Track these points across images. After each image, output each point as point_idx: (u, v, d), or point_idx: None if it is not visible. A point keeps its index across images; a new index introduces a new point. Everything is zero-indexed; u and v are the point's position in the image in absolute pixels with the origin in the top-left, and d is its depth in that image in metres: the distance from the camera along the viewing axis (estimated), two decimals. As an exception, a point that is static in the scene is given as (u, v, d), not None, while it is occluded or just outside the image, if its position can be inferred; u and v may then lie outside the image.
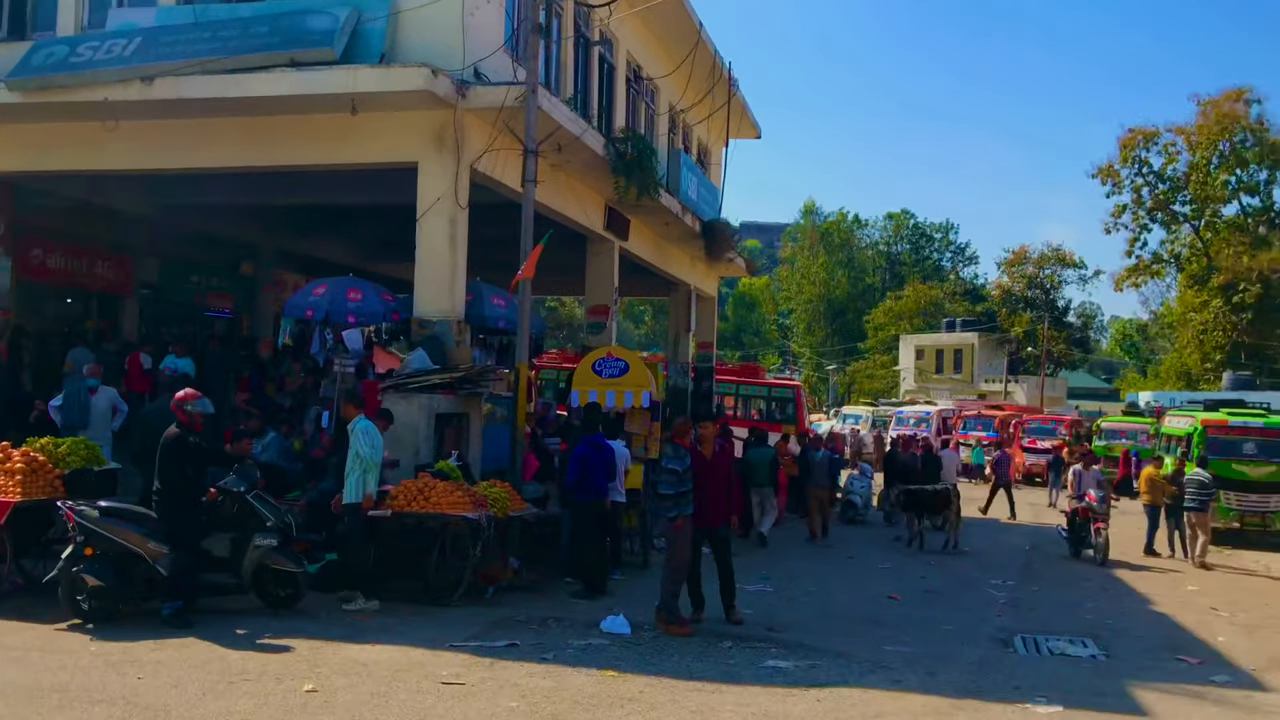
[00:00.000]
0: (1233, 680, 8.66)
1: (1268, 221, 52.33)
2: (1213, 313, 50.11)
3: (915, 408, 43.93)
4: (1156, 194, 54.53)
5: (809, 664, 8.48)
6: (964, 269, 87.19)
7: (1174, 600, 13.10)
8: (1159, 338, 69.92)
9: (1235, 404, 23.52)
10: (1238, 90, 51.89)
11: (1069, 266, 69.27)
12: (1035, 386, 58.34)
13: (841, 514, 20.91)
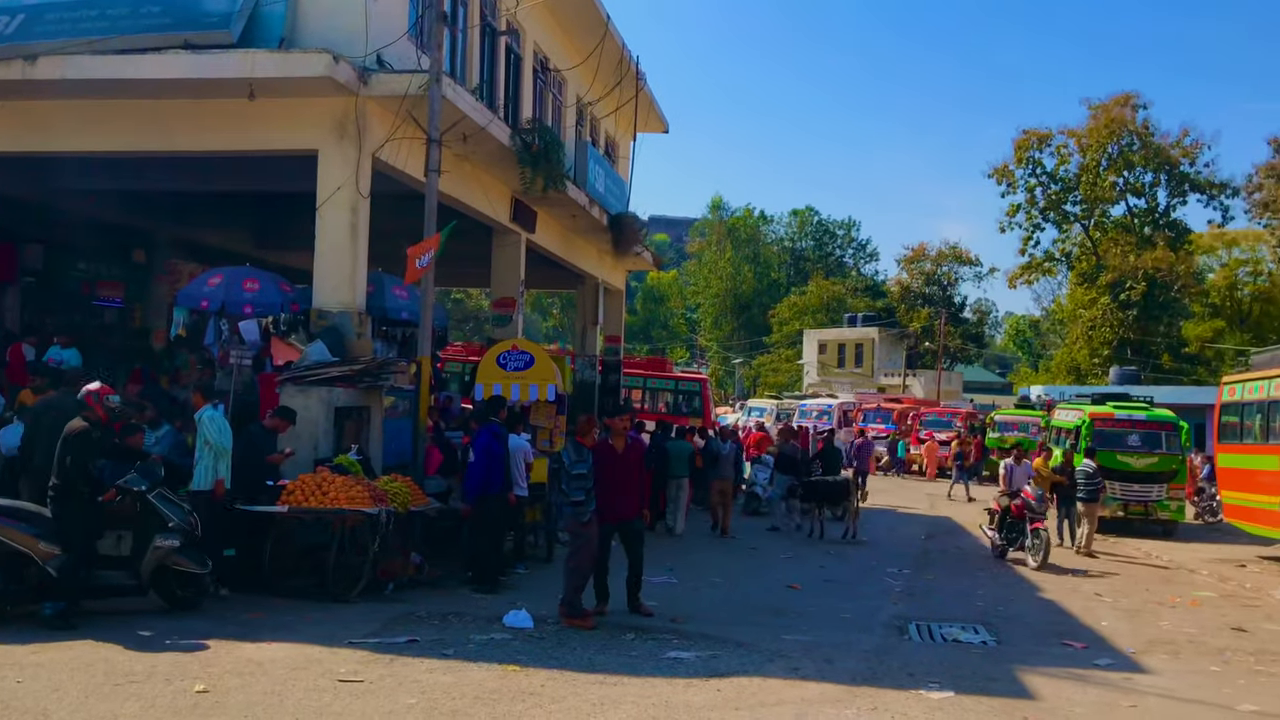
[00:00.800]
0: (1114, 663, 9.02)
1: (1152, 222, 54.55)
2: (1101, 309, 52.07)
3: (818, 401, 44.69)
4: (1049, 194, 56.44)
5: (710, 654, 8.57)
6: (865, 266, 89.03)
7: (1062, 587, 13.57)
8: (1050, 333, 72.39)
9: (1120, 398, 24.47)
10: (1125, 95, 54.03)
11: (965, 264, 71.35)
12: (932, 380, 59.84)
13: (745, 505, 21.18)
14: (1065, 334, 60.03)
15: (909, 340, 65.65)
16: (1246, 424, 18.74)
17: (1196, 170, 53.53)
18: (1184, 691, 8.05)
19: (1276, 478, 16.98)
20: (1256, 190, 53.15)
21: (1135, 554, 17.68)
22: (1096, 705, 7.49)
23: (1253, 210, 54.17)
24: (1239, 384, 19.37)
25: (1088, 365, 52.81)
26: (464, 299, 60.79)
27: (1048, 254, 58.33)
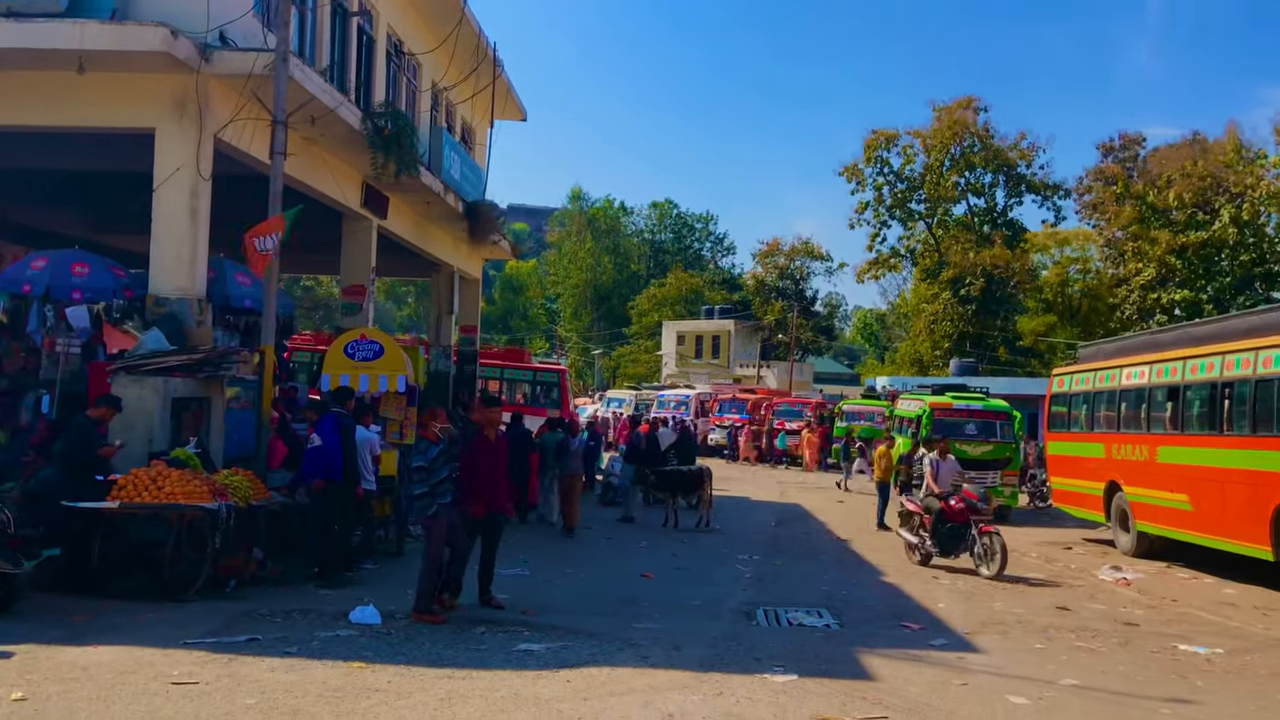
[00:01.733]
0: (948, 643, 9.43)
1: (990, 221, 57.21)
2: (942, 304, 54.34)
3: (675, 391, 45.25)
4: (895, 193, 58.53)
5: (561, 645, 8.57)
6: (722, 259, 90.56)
7: (903, 571, 14.11)
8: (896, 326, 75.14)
9: (959, 388, 25.57)
10: (968, 99, 56.44)
11: (816, 259, 73.35)
12: (785, 371, 61.34)
13: (601, 495, 21.29)
14: (910, 327, 62.40)
15: (764, 332, 67.13)
16: (1073, 414, 19.86)
17: (1032, 172, 56.41)
18: (1011, 668, 8.48)
19: (1100, 464, 18.08)
20: (1086, 192, 56.34)
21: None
22: (931, 684, 7.81)
23: (1083, 211, 57.44)
24: (1067, 376, 20.52)
25: (930, 357, 55.04)
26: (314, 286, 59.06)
27: (894, 250, 60.54)
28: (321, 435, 10.94)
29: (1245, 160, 47.95)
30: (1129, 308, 48.55)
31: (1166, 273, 47.31)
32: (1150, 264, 47.56)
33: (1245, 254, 45.79)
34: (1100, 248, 56.29)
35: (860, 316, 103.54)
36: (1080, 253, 59.74)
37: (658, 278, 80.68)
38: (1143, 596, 12.77)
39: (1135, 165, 54.39)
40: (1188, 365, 15.49)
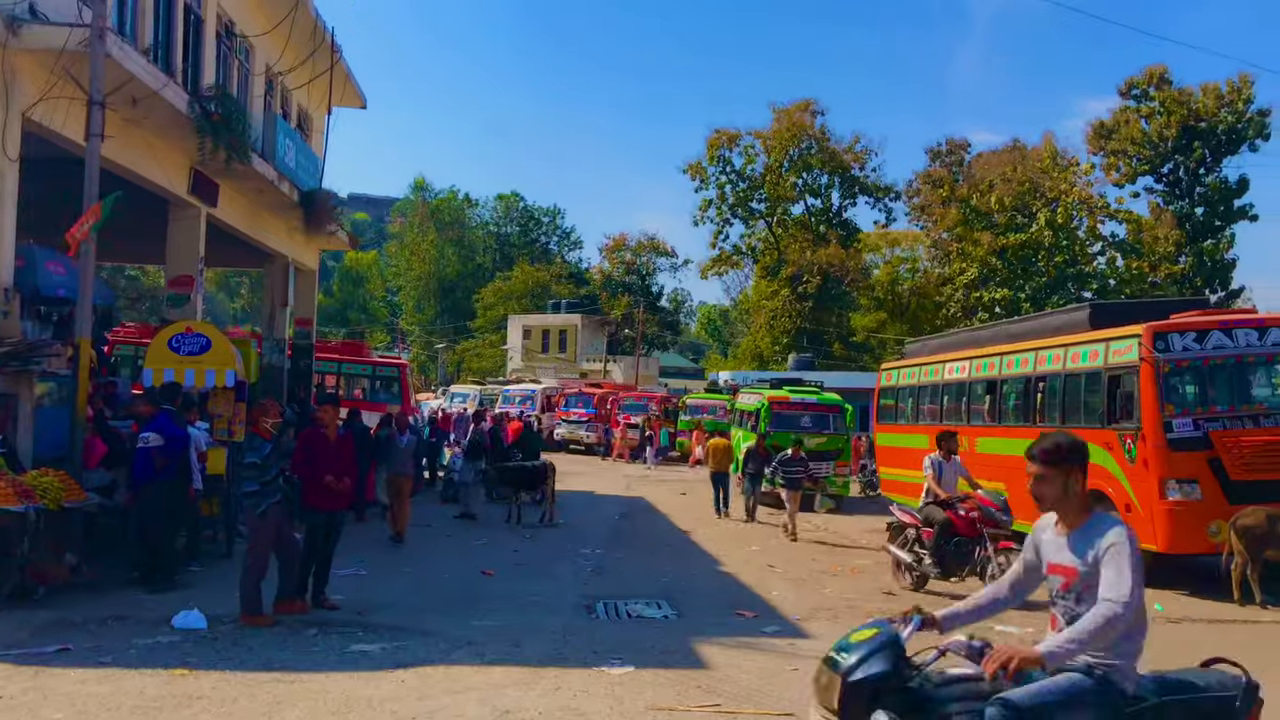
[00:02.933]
0: (781, 630, 9.72)
1: (826, 221, 59.08)
2: (781, 301, 55.86)
3: (521, 386, 45.05)
4: (737, 191, 59.77)
5: (397, 645, 8.43)
6: (569, 253, 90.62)
7: (739, 560, 14.46)
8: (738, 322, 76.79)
9: (796, 382, 26.40)
10: (806, 101, 58.11)
11: (662, 255, 74.34)
12: (631, 366, 61.90)
13: (443, 492, 21.00)
14: (751, 323, 63.90)
15: (610, 327, 67.60)
16: (900, 406, 20.76)
17: (865, 175, 58.52)
18: (838, 652, 8.79)
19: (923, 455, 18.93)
20: (915, 195, 58.87)
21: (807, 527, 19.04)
22: (763, 671, 8.03)
23: (912, 213, 60.01)
24: (894, 370, 21.43)
25: (770, 352, 56.52)
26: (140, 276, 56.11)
27: (736, 248, 61.85)
28: (162, 433, 10.46)
29: (1060, 167, 51.06)
30: (954, 306, 51.00)
31: (988, 272, 49.90)
32: (973, 264, 50.07)
33: (1059, 255, 48.74)
34: (928, 248, 58.94)
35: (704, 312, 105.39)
36: (909, 253, 62.48)
37: (503, 271, 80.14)
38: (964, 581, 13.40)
39: (961, 170, 57.13)
40: (1004, 360, 16.40)
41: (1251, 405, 12.89)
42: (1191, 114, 51.41)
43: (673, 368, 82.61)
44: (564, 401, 41.37)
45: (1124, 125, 53.53)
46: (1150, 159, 52.81)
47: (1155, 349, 12.58)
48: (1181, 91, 52.01)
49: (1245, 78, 50.96)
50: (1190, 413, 12.60)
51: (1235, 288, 51.88)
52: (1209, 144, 51.69)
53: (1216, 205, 51.98)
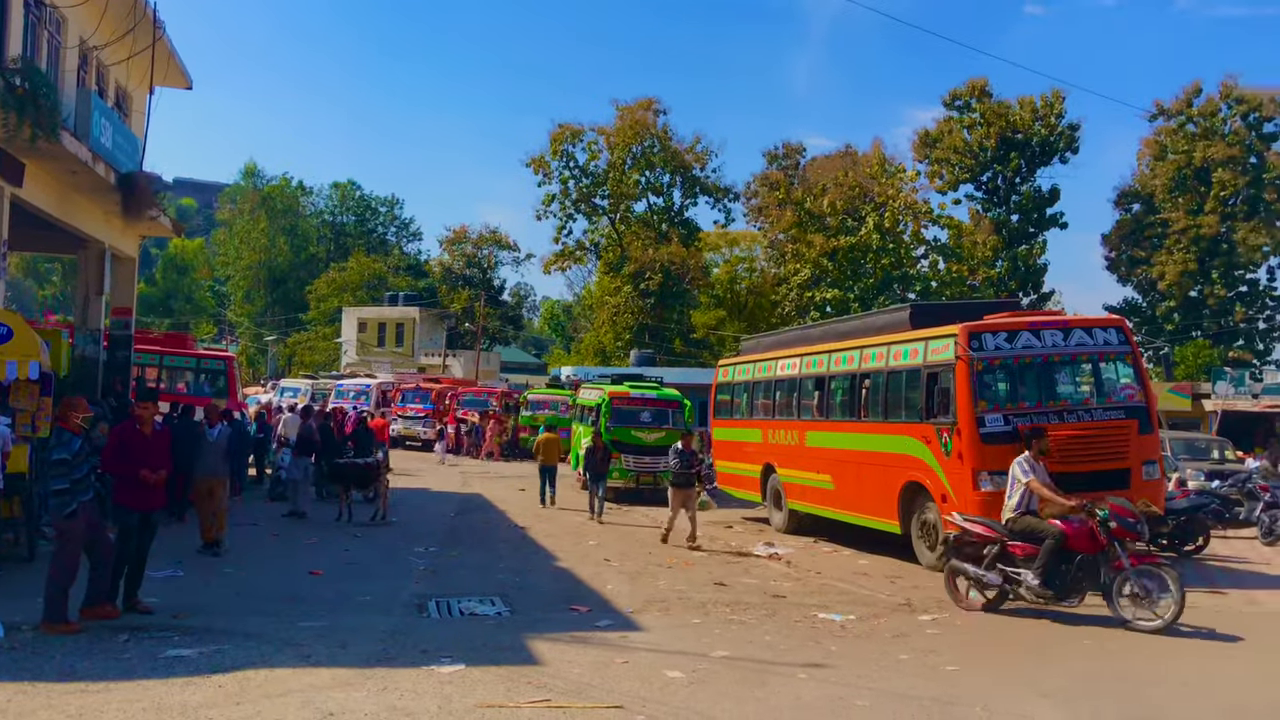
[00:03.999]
0: (613, 623, 9.79)
1: (668, 219, 59.92)
2: (624, 297, 56.33)
3: (355, 380, 43.92)
4: (581, 187, 59.92)
5: (215, 649, 8.08)
6: (408, 244, 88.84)
7: (575, 555, 14.48)
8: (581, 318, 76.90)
9: (637, 378, 26.68)
10: (649, 100, 58.77)
11: (504, 248, 73.69)
12: (471, 360, 61.21)
13: (270, 490, 20.29)
14: (594, 319, 64.15)
15: (450, 321, 66.61)
16: (735, 402, 21.24)
17: (706, 175, 59.60)
18: (669, 644, 8.93)
19: (757, 449, 19.45)
20: (753, 196, 60.34)
21: (645, 520, 19.26)
22: (594, 664, 8.07)
23: (750, 214, 61.49)
24: (730, 367, 21.89)
25: (613, 348, 56.93)
26: (-64, 259, 51.97)
27: (579, 243, 62.02)
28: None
29: (887, 174, 53.28)
30: (788, 305, 52.53)
31: (820, 273, 51.62)
32: (807, 265, 51.70)
33: (886, 258, 50.83)
34: (765, 249, 60.56)
35: (547, 307, 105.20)
36: (747, 253, 64.09)
37: (338, 261, 77.87)
38: (791, 570, 13.85)
39: (796, 173, 58.89)
40: (832, 358, 16.97)
41: (1057, 401, 13.74)
42: (1009, 126, 54.50)
43: (515, 363, 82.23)
44: (400, 397, 40.53)
45: (947, 135, 56.30)
46: (971, 168, 55.73)
47: (970, 348, 13.25)
48: (1000, 104, 55.09)
49: (1057, 93, 54.40)
50: (1001, 409, 13.32)
51: (1046, 291, 55.33)
52: (1024, 155, 54.93)
53: (1030, 213, 55.29)
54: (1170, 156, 53.76)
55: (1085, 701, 7.44)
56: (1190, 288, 52.99)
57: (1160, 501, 13.82)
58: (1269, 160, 52.10)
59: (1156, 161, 54.75)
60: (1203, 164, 52.11)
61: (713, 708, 6.96)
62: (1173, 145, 53.86)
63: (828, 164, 57.11)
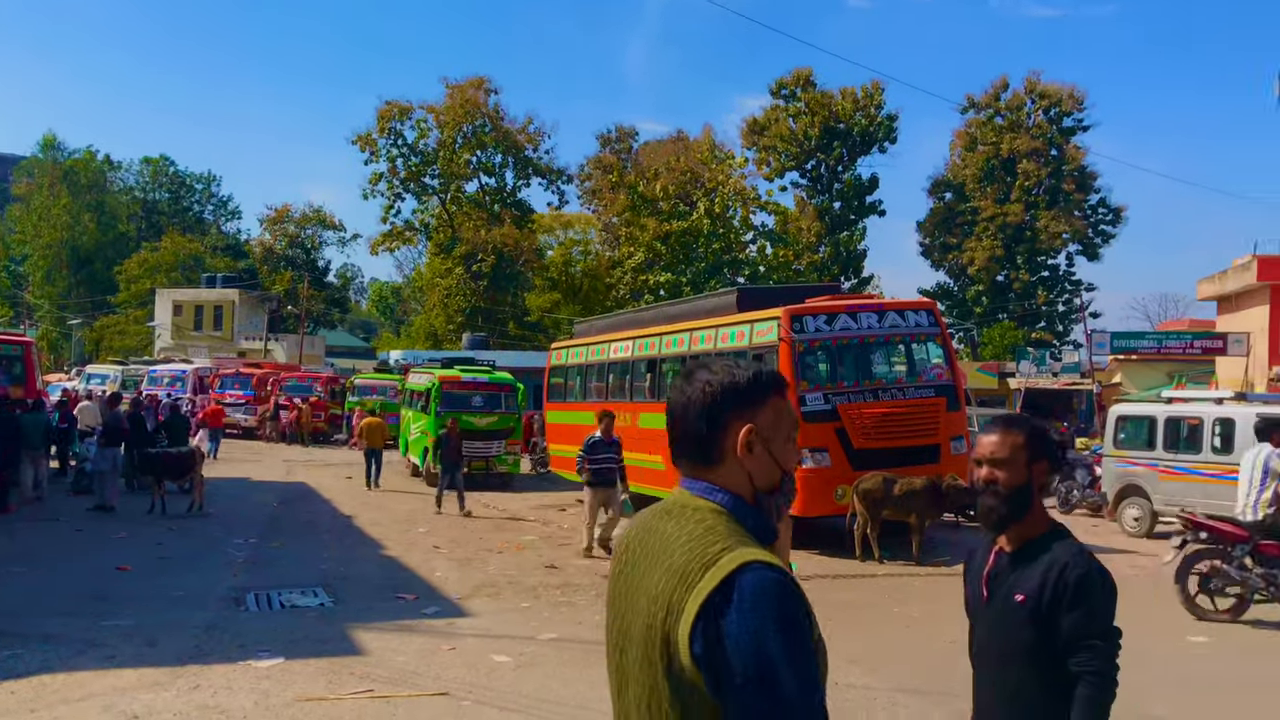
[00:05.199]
0: (441, 610, 9.66)
1: (501, 200, 59.33)
2: (456, 279, 55.50)
3: (170, 366, 41.74)
4: (409, 166, 58.62)
5: (10, 653, 7.55)
6: (226, 224, 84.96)
7: (403, 542, 14.20)
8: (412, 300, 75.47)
9: (468, 362, 26.33)
10: (479, 79, 57.94)
11: (329, 228, 71.42)
12: (295, 345, 59.16)
13: (74, 483, 19.10)
14: (424, 301, 63.00)
15: (271, 303, 64.10)
16: (569, 384, 21.27)
17: (539, 156, 59.26)
18: (498, 629, 8.89)
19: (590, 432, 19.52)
20: (587, 179, 60.48)
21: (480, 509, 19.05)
22: (420, 652, 7.95)
23: (584, 197, 61.62)
24: (564, 350, 21.91)
25: (444, 331, 56.05)
26: None
27: (408, 223, 60.73)
28: None
29: (718, 160, 54.27)
30: (623, 288, 52.92)
31: (654, 257, 52.18)
32: (640, 249, 52.17)
33: (716, 243, 51.81)
34: (599, 231, 60.78)
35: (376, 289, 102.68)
36: (582, 235, 64.15)
37: (151, 241, 73.71)
38: (622, 551, 13.96)
39: (629, 157, 59.32)
40: (663, 340, 17.21)
41: (872, 381, 14.36)
42: (832, 116, 56.36)
43: (342, 347, 80.00)
44: (219, 383, 38.78)
45: (774, 123, 57.79)
46: (796, 155, 57.40)
47: (792, 330, 13.67)
48: (824, 94, 56.89)
49: (877, 85, 56.58)
50: (821, 388, 13.82)
51: (866, 275, 57.62)
52: (846, 144, 56.95)
53: (851, 200, 57.41)
54: (979, 148, 56.70)
55: (891, 664, 7.81)
56: (997, 272, 56.12)
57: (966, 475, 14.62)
58: (1068, 153, 55.67)
59: (967, 152, 57.65)
60: (1009, 155, 55.20)
61: (540, 689, 6.96)
62: (982, 137, 56.81)
63: (660, 148, 57.78)
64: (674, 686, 1.70)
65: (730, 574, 1.67)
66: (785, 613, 1.66)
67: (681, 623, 1.68)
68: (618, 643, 1.87)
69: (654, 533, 1.85)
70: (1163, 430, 15.86)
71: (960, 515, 16.66)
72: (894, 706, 6.65)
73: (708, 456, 1.89)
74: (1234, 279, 41.39)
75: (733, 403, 1.88)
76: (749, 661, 1.62)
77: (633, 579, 1.85)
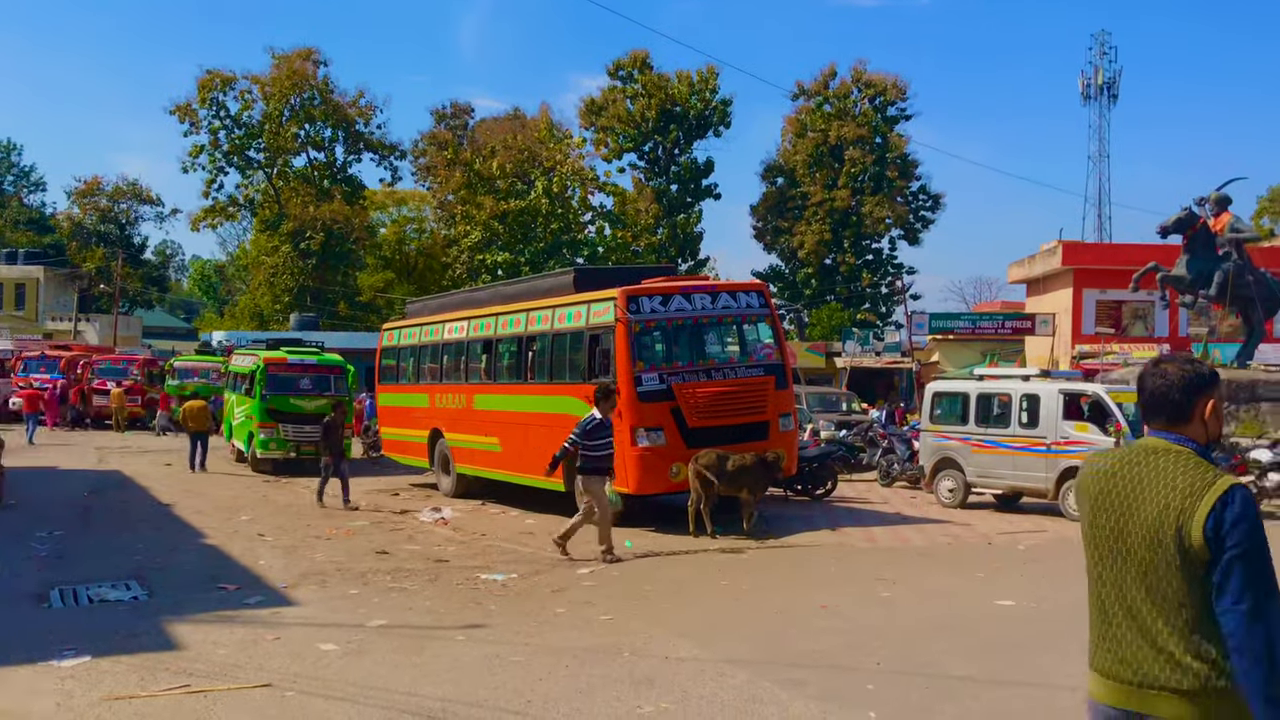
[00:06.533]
0: (265, 599, 9.31)
1: (330, 176, 57.41)
2: (283, 257, 53.48)
3: (-36, 348, 38.78)
4: (233, 138, 56.01)
5: None
6: (30, 196, 79.26)
7: (226, 531, 13.63)
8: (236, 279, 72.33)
9: (295, 343, 25.44)
10: (307, 50, 55.80)
11: (146, 203, 67.42)
12: (109, 326, 55.82)
13: None
14: (250, 280, 60.49)
15: (82, 282, 60.21)
16: (401, 366, 20.81)
17: (370, 131, 57.56)
18: (325, 617, 8.63)
19: (425, 414, 19.18)
20: (422, 155, 59.15)
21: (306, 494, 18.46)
22: (241, 643, 7.64)
23: (419, 173, 60.26)
24: (396, 330, 21.41)
25: (271, 311, 53.99)
26: None
27: (231, 199, 58.07)
28: None
29: (556, 139, 54.02)
30: (459, 267, 52.15)
31: (491, 236, 51.60)
32: (477, 227, 51.50)
33: (555, 223, 51.66)
34: (434, 209, 59.60)
35: (198, 267, 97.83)
36: (416, 213, 62.75)
37: (-58, 214, 68.16)
38: (457, 534, 13.81)
39: (465, 133, 58.34)
40: (499, 321, 17.03)
41: (705, 361, 14.62)
42: (669, 99, 56.90)
43: (160, 328, 76.06)
44: (22, 366, 36.26)
45: (612, 104, 57.93)
46: (634, 137, 57.72)
47: (628, 310, 13.75)
48: (660, 77, 57.35)
49: (712, 69, 57.43)
50: (657, 368, 13.97)
51: (703, 257, 58.60)
52: (683, 127, 57.62)
53: (688, 183, 58.20)
54: (809, 134, 58.31)
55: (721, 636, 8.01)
56: (825, 256, 57.96)
57: (794, 450, 15.08)
58: (891, 141, 57.90)
59: (798, 138, 59.20)
60: (837, 142, 57.00)
61: (368, 677, 6.81)
62: (811, 123, 58.44)
63: (497, 126, 57.04)
64: (1181, 555, 2.75)
65: (1227, 489, 2.72)
66: (1257, 513, 2.76)
67: (1195, 517, 2.72)
68: (1114, 532, 2.91)
69: (1144, 465, 2.90)
70: (975, 406, 16.75)
71: (789, 490, 17.22)
72: (721, 677, 6.80)
73: (1181, 418, 2.93)
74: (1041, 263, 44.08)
75: (1201, 385, 2.92)
76: (1243, 539, 2.69)
77: (1132, 492, 2.88)
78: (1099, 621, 2.96)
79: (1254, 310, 24.83)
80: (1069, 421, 15.51)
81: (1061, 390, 15.97)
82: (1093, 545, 2.97)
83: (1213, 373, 2.97)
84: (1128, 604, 2.86)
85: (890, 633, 8.19)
